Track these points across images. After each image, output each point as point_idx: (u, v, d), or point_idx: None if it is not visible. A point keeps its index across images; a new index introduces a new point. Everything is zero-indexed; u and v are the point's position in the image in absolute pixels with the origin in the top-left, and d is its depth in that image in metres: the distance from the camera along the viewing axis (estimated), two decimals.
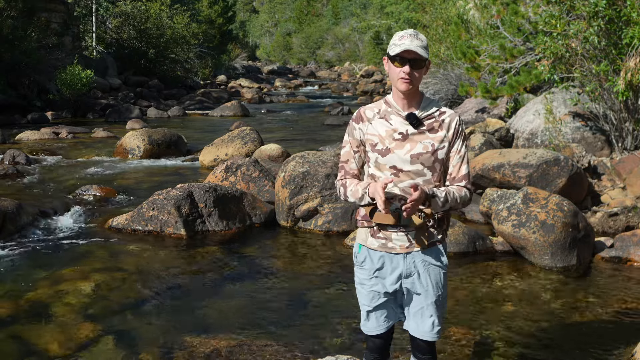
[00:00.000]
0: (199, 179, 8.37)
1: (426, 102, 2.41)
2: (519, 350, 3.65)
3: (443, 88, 14.03)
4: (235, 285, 4.78)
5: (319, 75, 45.49)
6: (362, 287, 2.52)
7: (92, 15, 25.18)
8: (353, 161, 2.48)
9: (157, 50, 25.82)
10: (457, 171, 2.40)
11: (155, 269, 5.11)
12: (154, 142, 10.72)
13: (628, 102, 7.25)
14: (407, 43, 2.26)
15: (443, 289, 2.48)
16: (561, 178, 6.28)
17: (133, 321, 4.07)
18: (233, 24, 44.61)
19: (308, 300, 4.48)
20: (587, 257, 5.24)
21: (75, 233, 6.07)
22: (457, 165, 2.40)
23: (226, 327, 3.97)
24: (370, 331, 2.56)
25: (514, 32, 10.55)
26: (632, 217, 6.02)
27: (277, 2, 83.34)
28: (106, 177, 8.80)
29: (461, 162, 2.40)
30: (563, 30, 7.21)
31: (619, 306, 4.32)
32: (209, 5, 36.07)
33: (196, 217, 6.09)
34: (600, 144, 7.88)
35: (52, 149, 11.29)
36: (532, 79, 9.31)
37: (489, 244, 5.53)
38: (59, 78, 17.10)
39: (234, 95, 26.00)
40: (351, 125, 2.48)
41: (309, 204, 6.28)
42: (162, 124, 14.81)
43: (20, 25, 17.05)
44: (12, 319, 4.06)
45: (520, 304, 4.36)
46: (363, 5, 50.09)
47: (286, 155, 9.15)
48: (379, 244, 2.43)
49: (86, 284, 4.67)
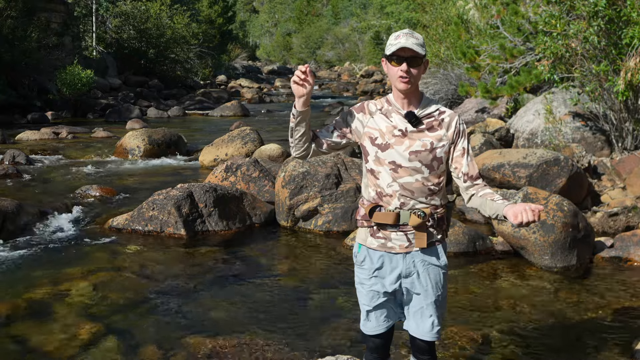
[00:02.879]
0: (199, 179, 8.37)
1: (426, 101, 2.41)
2: (519, 350, 3.64)
3: (443, 88, 14.02)
4: (235, 285, 4.78)
5: (319, 75, 45.46)
6: (362, 286, 2.52)
7: (92, 15, 25.18)
8: (325, 129, 2.46)
9: (157, 50, 25.83)
10: (472, 169, 2.41)
11: (155, 269, 5.11)
12: (154, 142, 10.73)
13: (628, 102, 7.25)
14: (403, 41, 2.26)
15: (443, 289, 2.48)
16: (561, 178, 6.28)
17: (133, 321, 4.07)
18: (233, 24, 44.58)
19: (308, 300, 4.48)
20: (587, 257, 5.24)
21: (75, 233, 6.07)
22: (470, 164, 2.41)
23: (226, 327, 3.97)
24: (370, 331, 2.56)
25: (514, 32, 10.55)
26: (632, 217, 6.01)
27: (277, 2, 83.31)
28: (106, 177, 8.80)
29: (472, 161, 2.42)
30: (563, 30, 7.21)
31: (619, 306, 4.32)
32: (209, 5, 36.06)
33: (196, 217, 6.09)
34: (600, 144, 7.88)
35: (52, 149, 11.29)
36: (532, 79, 9.30)
37: (489, 244, 5.53)
38: (59, 78, 17.11)
39: (234, 95, 26.02)
40: (349, 111, 2.47)
41: (309, 204, 6.28)
42: (162, 124, 14.82)
43: (20, 25, 17.04)
44: (12, 319, 4.06)
45: (520, 304, 4.36)
46: (363, 5, 50.07)
47: (286, 155, 9.15)
48: (379, 244, 2.43)
49: (86, 284, 4.67)
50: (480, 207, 2.38)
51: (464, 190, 2.45)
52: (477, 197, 2.40)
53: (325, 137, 2.44)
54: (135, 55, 25.58)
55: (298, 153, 2.43)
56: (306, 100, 2.27)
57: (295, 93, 2.27)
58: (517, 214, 2.17)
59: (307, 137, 2.38)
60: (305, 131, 2.36)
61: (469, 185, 2.42)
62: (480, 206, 2.38)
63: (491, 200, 2.33)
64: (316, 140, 2.43)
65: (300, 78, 2.23)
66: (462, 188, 2.45)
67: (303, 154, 2.43)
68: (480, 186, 2.42)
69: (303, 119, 2.31)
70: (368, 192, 2.45)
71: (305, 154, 2.44)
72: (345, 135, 2.44)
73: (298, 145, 2.40)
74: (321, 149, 2.44)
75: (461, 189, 2.46)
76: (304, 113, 2.30)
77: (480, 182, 2.43)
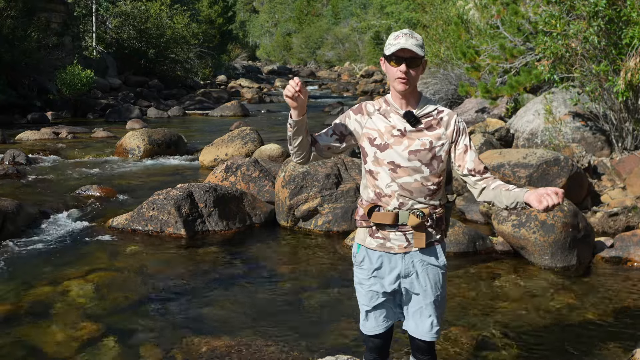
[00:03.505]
0: (199, 179, 8.37)
1: (424, 101, 2.41)
2: (519, 350, 3.64)
3: (443, 88, 14.02)
4: (235, 285, 4.78)
5: (319, 75, 45.49)
6: (361, 287, 2.52)
7: (92, 15, 25.18)
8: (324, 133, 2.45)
9: (157, 50, 25.83)
10: (477, 164, 2.39)
11: (155, 269, 5.11)
12: (154, 142, 10.72)
13: (628, 102, 7.26)
14: (403, 42, 2.26)
15: (442, 289, 2.48)
16: (561, 178, 6.28)
17: (133, 321, 4.07)
18: (233, 24, 44.57)
19: (308, 300, 4.48)
20: (587, 257, 5.24)
21: (75, 233, 6.07)
22: (475, 160, 2.39)
23: (226, 327, 3.97)
24: (369, 331, 2.56)
25: (514, 32, 10.55)
26: (632, 217, 6.01)
27: (277, 2, 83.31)
28: (106, 177, 8.80)
29: (477, 156, 2.41)
30: (563, 30, 7.21)
31: (619, 306, 4.32)
32: (209, 5, 36.06)
33: (196, 217, 6.09)
34: (600, 144, 7.88)
35: (52, 149, 11.29)
36: (532, 79, 9.31)
37: (489, 244, 5.53)
38: (59, 78, 17.11)
39: (234, 95, 26.01)
40: (347, 113, 2.47)
41: (309, 204, 6.28)
42: (162, 124, 14.82)
43: (20, 25, 17.05)
44: (13, 319, 4.05)
45: (520, 304, 4.36)
46: (363, 5, 50.07)
47: (286, 155, 9.15)
48: (378, 244, 2.43)
49: (86, 283, 4.67)
50: (495, 198, 2.33)
51: (473, 185, 2.41)
52: (490, 190, 2.36)
53: (325, 141, 2.43)
54: (135, 55, 25.58)
55: (299, 159, 2.43)
56: (301, 110, 2.26)
57: (289, 105, 2.25)
58: (540, 198, 2.11)
59: (306, 144, 2.38)
60: (304, 138, 2.35)
61: (477, 179, 2.39)
62: (495, 198, 2.33)
63: (507, 190, 2.29)
64: (316, 145, 2.42)
65: (293, 93, 2.19)
66: (470, 184, 2.42)
67: (304, 160, 2.43)
68: (490, 179, 2.39)
69: (300, 127, 2.30)
70: (367, 193, 2.45)
71: (305, 160, 2.43)
72: (344, 139, 2.44)
73: (298, 152, 2.39)
74: (321, 153, 2.44)
75: (469, 185, 2.43)
76: (300, 122, 2.29)
77: (489, 175, 2.40)
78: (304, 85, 2.21)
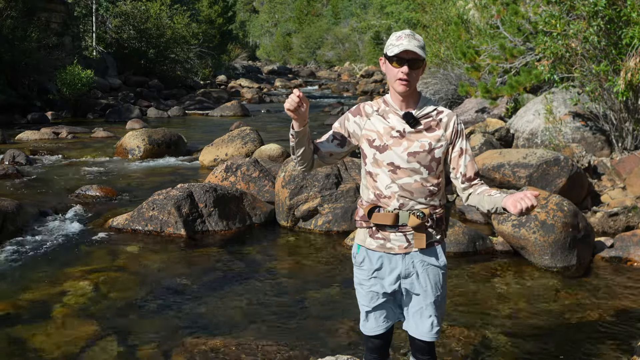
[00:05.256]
0: (199, 179, 8.37)
1: (423, 101, 2.41)
2: (518, 350, 3.64)
3: (443, 88, 14.02)
4: (235, 285, 4.78)
5: (319, 75, 45.49)
6: (361, 287, 2.52)
7: (92, 15, 25.17)
8: (325, 140, 2.46)
9: (157, 50, 25.82)
10: (470, 170, 2.40)
11: (155, 269, 5.11)
12: (154, 142, 10.72)
13: (628, 102, 7.26)
14: (405, 43, 2.25)
15: (442, 289, 2.48)
16: (561, 178, 6.28)
17: (133, 321, 4.07)
18: (233, 24, 44.55)
19: (308, 300, 4.48)
20: (587, 257, 5.24)
21: (75, 233, 6.07)
22: (468, 165, 2.40)
23: (226, 327, 3.97)
24: (369, 331, 2.56)
25: (514, 32, 10.55)
26: (632, 217, 6.01)
27: (277, 2, 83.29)
28: (106, 177, 8.80)
29: (471, 161, 2.41)
30: (563, 30, 7.21)
31: (619, 306, 4.32)
32: (209, 5, 36.04)
33: (196, 217, 6.09)
34: (600, 144, 7.88)
35: (52, 149, 11.29)
36: (532, 79, 9.31)
37: (489, 244, 5.53)
38: (59, 78, 17.10)
39: (234, 95, 26.01)
40: (346, 116, 2.47)
41: (309, 204, 6.28)
42: (162, 124, 14.82)
43: (20, 25, 17.04)
44: (12, 319, 4.06)
45: (520, 304, 4.36)
46: (363, 5, 50.06)
47: (286, 155, 9.15)
48: (378, 244, 2.43)
49: (86, 284, 4.67)
50: (479, 203, 2.38)
51: (461, 190, 2.45)
52: (475, 195, 2.41)
53: (326, 148, 2.44)
54: (135, 55, 25.57)
55: (302, 168, 2.44)
56: (302, 121, 2.26)
57: (291, 117, 2.25)
58: (515, 202, 2.17)
59: (309, 153, 2.39)
60: (306, 148, 2.36)
61: (466, 186, 2.43)
62: (478, 203, 2.39)
63: (488, 195, 2.34)
64: (318, 152, 2.43)
65: (295, 106, 2.19)
66: (459, 189, 2.46)
67: (307, 168, 2.45)
68: (478, 185, 2.42)
69: (302, 137, 2.31)
70: (367, 194, 2.45)
71: (309, 168, 2.45)
72: (345, 142, 2.44)
73: (301, 161, 2.41)
74: (324, 160, 2.45)
75: (458, 189, 2.47)
76: (301, 132, 2.29)
77: (477, 181, 2.43)
78: (305, 97, 2.21)
